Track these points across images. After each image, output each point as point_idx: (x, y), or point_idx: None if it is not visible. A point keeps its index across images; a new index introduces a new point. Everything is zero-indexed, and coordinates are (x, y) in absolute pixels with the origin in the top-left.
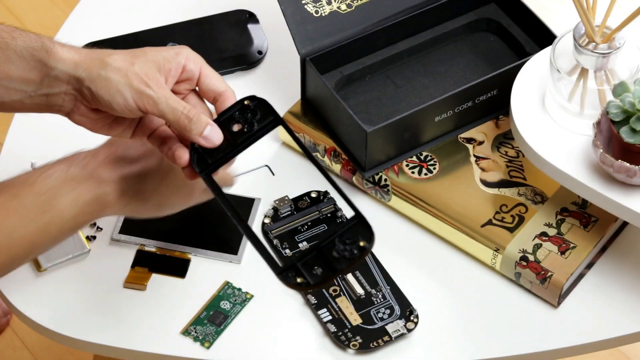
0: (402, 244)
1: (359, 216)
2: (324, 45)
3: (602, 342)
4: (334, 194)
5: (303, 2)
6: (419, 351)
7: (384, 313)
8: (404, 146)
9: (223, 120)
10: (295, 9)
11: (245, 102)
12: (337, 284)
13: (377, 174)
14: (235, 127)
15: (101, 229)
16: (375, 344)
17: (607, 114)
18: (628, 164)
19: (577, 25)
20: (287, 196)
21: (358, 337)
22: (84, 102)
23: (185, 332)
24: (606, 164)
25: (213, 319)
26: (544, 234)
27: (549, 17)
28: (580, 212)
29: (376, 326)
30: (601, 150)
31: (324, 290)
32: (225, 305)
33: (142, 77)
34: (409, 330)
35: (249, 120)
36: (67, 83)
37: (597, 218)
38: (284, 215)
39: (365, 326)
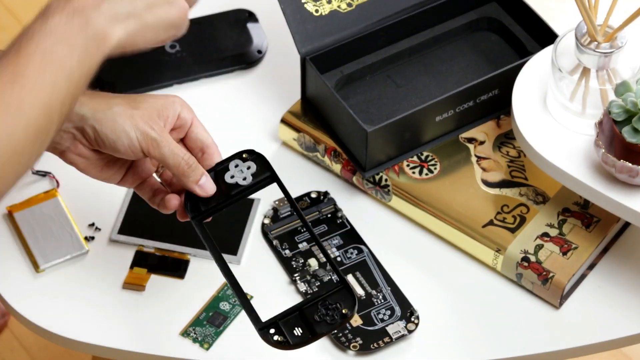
0: (402, 244)
1: (343, 282)
2: (324, 45)
3: (604, 344)
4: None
5: (303, 1)
6: (420, 352)
7: (384, 314)
8: (404, 146)
9: (219, 170)
10: (295, 8)
11: (244, 155)
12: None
13: (378, 174)
14: (230, 179)
15: (99, 229)
16: (375, 345)
17: (609, 114)
18: (630, 164)
19: (579, 24)
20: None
21: (358, 338)
22: (83, 142)
23: (185, 333)
24: (608, 164)
25: (212, 320)
26: (545, 234)
27: (550, 16)
28: (582, 212)
29: (377, 327)
30: (603, 150)
31: None
32: (224, 306)
33: (147, 120)
34: (410, 332)
35: (244, 174)
36: (69, 120)
37: (599, 218)
38: (283, 215)
39: (366, 327)
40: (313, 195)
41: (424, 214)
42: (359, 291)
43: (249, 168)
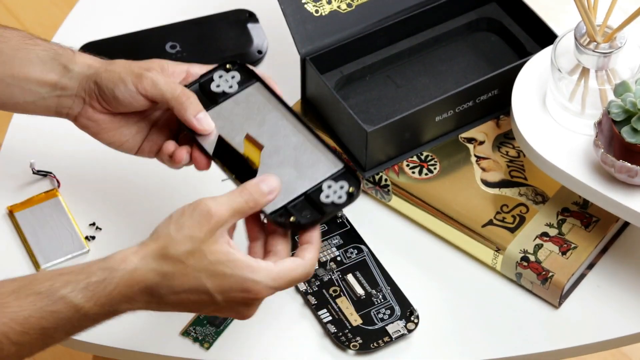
0: (402, 244)
1: (346, 166)
2: (324, 45)
3: (603, 343)
4: (314, 144)
5: (303, 1)
6: (420, 352)
7: (384, 313)
8: (404, 146)
9: (204, 81)
10: (295, 9)
11: (227, 66)
12: (337, 284)
13: (378, 174)
14: (216, 88)
15: (100, 229)
16: (375, 344)
17: (609, 114)
18: (629, 164)
19: (578, 24)
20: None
21: (358, 338)
22: (92, 103)
23: (185, 332)
24: (607, 164)
25: (212, 319)
26: (545, 234)
27: (549, 16)
28: (581, 212)
29: (376, 327)
30: (602, 150)
31: (324, 290)
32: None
33: (143, 66)
34: (410, 331)
35: (229, 83)
36: (79, 84)
37: (598, 218)
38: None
39: (366, 327)
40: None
41: (424, 214)
42: (359, 291)
43: (233, 77)
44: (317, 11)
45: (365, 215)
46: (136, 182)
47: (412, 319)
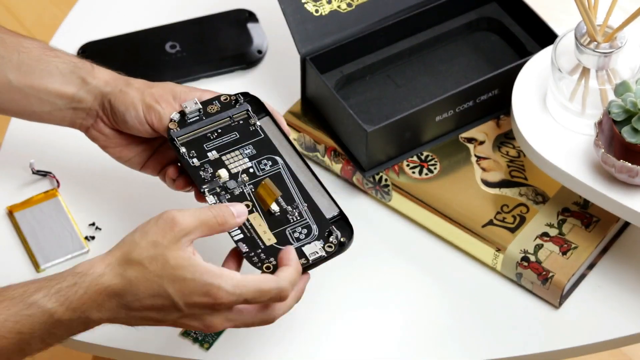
0: (402, 244)
1: (341, 213)
2: (324, 45)
3: (603, 343)
4: (314, 186)
5: (303, 1)
6: (420, 352)
7: (300, 232)
8: (404, 146)
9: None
10: (295, 8)
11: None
12: (249, 198)
13: (378, 174)
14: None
15: (100, 229)
16: None
17: (609, 114)
18: (630, 164)
19: (578, 24)
20: (195, 100)
21: (272, 259)
22: (103, 119)
23: (185, 333)
24: (608, 164)
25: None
26: (545, 234)
27: (550, 16)
28: (581, 212)
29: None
30: (603, 150)
31: None
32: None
33: (156, 97)
34: (329, 254)
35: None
36: (94, 98)
37: (599, 218)
38: (191, 120)
39: (280, 246)
40: (223, 99)
41: (424, 214)
42: (273, 207)
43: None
44: (317, 11)
45: (365, 215)
46: (136, 182)
47: (330, 239)
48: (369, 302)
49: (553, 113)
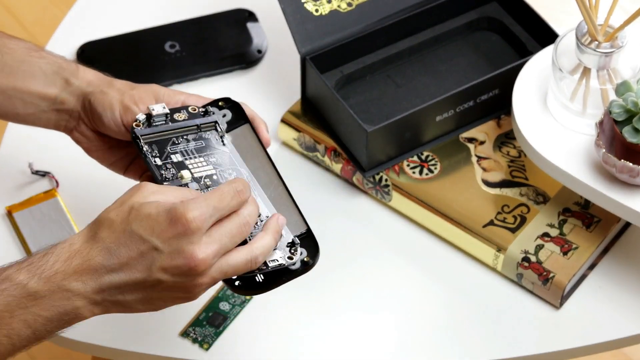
0: (402, 244)
1: (308, 230)
2: (324, 44)
3: (604, 344)
4: (285, 200)
5: (303, 1)
6: (420, 352)
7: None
8: (404, 146)
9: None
10: (295, 8)
11: (220, 103)
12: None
13: (378, 174)
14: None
15: None
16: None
17: (610, 114)
18: (631, 164)
19: (579, 24)
20: (164, 105)
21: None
22: (85, 120)
23: (184, 333)
24: (609, 164)
25: (212, 320)
26: (546, 234)
27: (550, 15)
28: (582, 212)
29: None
30: (603, 150)
31: None
32: (224, 306)
33: (135, 98)
34: (289, 264)
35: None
36: (76, 100)
37: (600, 218)
38: (157, 123)
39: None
40: (191, 109)
41: (424, 214)
42: None
43: (224, 116)
44: (317, 11)
45: (365, 215)
46: (136, 182)
47: (292, 251)
48: (369, 302)
49: (554, 113)
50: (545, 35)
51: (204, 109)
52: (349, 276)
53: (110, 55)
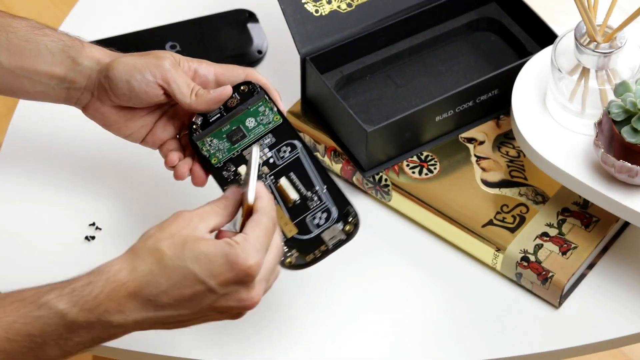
0: (402, 244)
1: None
2: (324, 45)
3: (603, 343)
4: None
5: (303, 1)
6: (420, 352)
7: (320, 218)
8: (404, 146)
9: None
10: (295, 8)
11: (241, 87)
12: (271, 191)
13: (378, 174)
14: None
15: (100, 229)
16: (312, 256)
17: (609, 114)
18: (629, 164)
19: (578, 24)
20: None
21: (294, 251)
22: (101, 97)
23: (201, 142)
24: (607, 164)
25: (232, 134)
26: (545, 234)
27: (550, 16)
28: (581, 212)
29: (312, 235)
30: (602, 150)
31: None
32: (250, 122)
33: (156, 59)
34: (348, 235)
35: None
36: (87, 79)
37: (599, 218)
38: (213, 119)
39: (301, 237)
40: (243, 89)
41: (424, 214)
42: (293, 196)
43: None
44: (317, 11)
45: (365, 215)
46: (136, 182)
47: (349, 219)
48: (369, 302)
49: (553, 113)
50: (544, 36)
51: (251, 87)
52: (349, 276)
53: None
